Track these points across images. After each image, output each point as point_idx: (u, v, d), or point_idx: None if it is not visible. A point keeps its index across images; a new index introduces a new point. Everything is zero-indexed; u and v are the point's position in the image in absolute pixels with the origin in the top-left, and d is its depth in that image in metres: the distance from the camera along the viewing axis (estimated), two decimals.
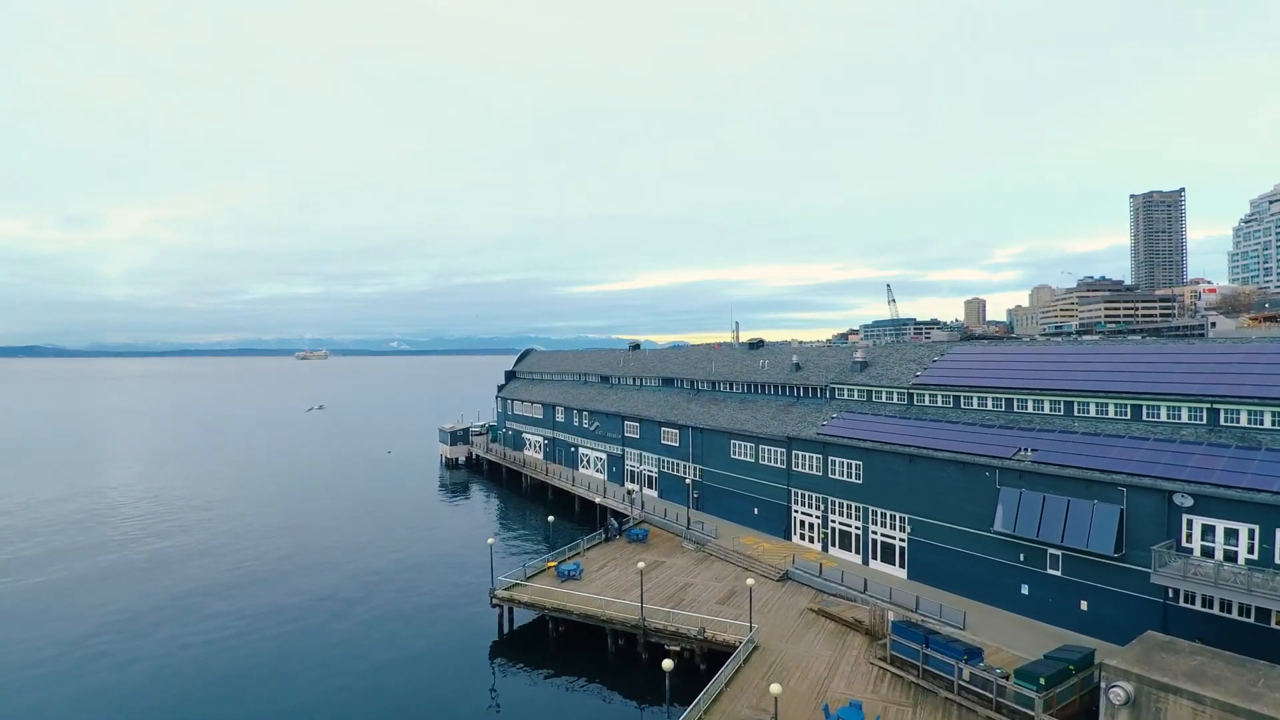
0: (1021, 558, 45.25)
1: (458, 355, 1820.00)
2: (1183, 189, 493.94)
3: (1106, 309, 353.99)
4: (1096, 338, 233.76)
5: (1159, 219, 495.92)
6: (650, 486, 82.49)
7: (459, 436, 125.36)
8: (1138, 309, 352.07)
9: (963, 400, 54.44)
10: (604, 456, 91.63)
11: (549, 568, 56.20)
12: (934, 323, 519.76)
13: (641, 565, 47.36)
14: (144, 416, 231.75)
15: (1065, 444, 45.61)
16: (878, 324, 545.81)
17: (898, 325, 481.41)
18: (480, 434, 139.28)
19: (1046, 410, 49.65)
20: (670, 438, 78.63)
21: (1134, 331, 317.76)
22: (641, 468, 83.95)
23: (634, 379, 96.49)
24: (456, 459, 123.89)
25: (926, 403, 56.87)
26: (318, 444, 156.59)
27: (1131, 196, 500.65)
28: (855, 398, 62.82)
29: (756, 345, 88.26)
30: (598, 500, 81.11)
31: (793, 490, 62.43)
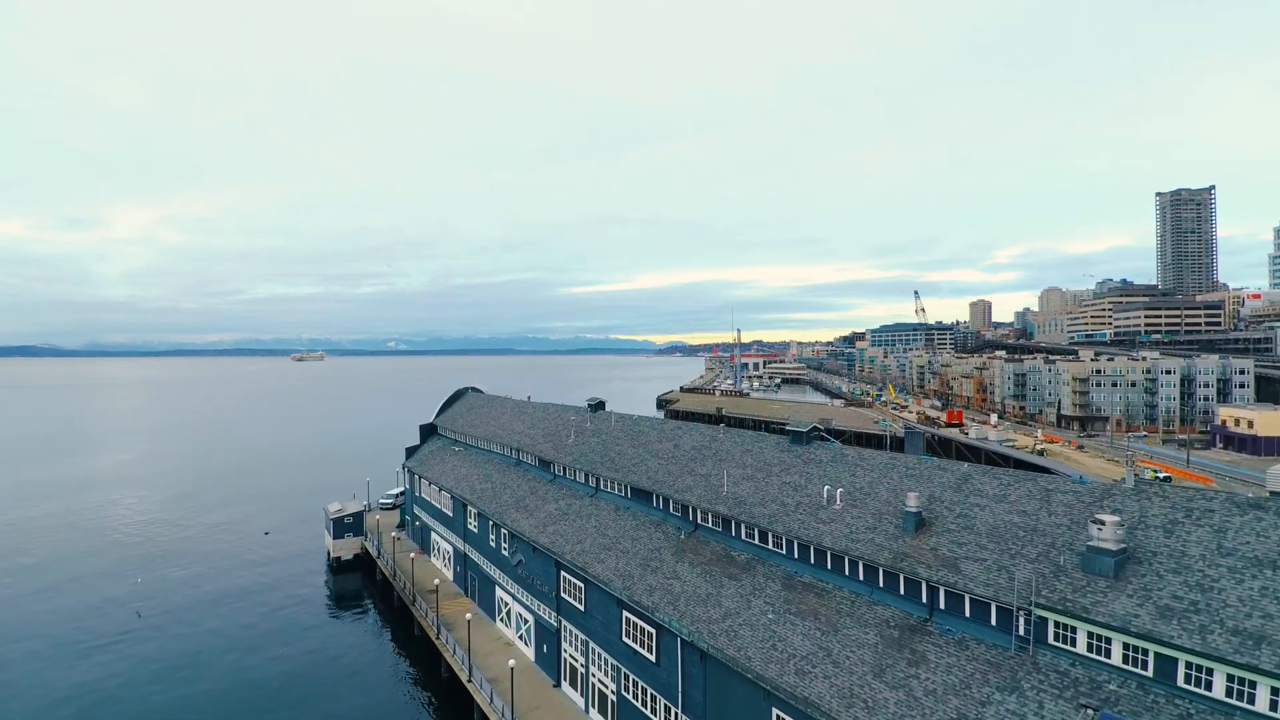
0: None
1: (455, 355, 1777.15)
2: (1213, 186, 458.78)
3: (1147, 317, 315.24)
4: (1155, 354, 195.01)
5: (1187, 218, 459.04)
6: (605, 714, 42.89)
7: (347, 525, 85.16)
8: (1181, 317, 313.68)
9: None
10: (531, 621, 51.96)
11: None
12: (939, 325, 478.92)
13: None
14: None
15: None
16: (885, 328, 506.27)
17: (920, 330, 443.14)
18: (392, 507, 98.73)
19: None
20: (639, 638, 39.13)
21: (1181, 342, 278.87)
22: (590, 670, 44.29)
23: (587, 476, 55.96)
24: (345, 557, 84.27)
25: None
26: (192, 510, 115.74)
27: (1158, 194, 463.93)
28: (1111, 659, 23.51)
29: (813, 437, 42.45)
30: None
31: None
